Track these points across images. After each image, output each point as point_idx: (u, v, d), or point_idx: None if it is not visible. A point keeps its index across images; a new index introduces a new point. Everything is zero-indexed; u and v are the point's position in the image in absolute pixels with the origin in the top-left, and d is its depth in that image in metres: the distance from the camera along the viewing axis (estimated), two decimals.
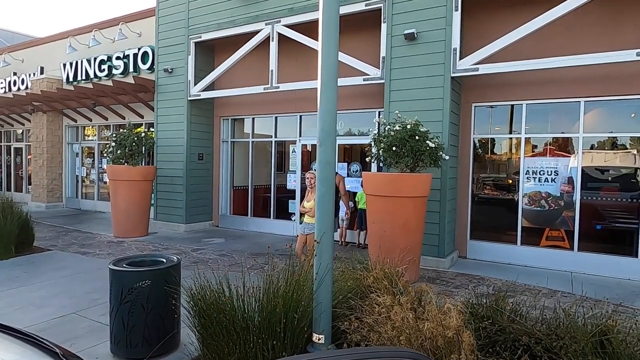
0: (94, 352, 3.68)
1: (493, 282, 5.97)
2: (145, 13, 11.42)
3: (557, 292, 5.47)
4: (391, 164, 6.04)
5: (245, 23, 9.00)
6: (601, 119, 6.76)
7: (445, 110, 6.73)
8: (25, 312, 4.61)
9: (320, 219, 3.32)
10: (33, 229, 7.80)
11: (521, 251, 7.11)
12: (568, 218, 6.86)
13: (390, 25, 7.17)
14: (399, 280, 3.47)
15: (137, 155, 9.27)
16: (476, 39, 7.00)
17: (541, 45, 6.59)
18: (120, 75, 11.84)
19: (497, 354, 2.79)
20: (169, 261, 3.80)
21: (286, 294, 3.15)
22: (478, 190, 7.71)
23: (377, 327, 2.92)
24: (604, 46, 6.12)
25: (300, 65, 8.96)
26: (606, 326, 2.71)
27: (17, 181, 16.62)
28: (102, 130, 13.57)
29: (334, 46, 3.27)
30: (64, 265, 6.65)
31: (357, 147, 9.21)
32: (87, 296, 5.12)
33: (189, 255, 7.45)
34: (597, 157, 6.77)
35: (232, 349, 3.06)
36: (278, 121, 9.98)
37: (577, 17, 6.26)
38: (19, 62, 14.99)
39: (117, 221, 9.19)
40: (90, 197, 13.95)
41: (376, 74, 7.43)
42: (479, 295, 3.37)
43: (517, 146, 7.34)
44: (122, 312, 3.48)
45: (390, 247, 5.40)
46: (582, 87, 6.59)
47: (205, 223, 10.53)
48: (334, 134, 3.32)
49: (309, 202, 5.83)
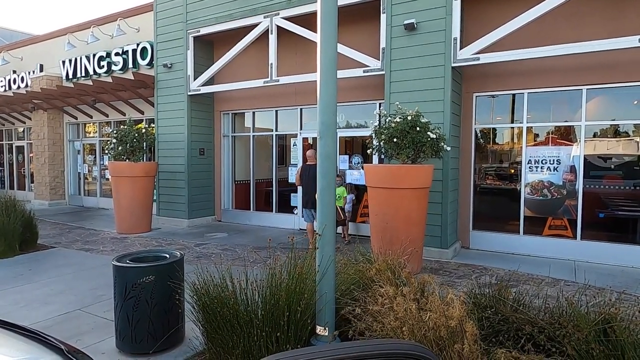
0: (100, 347, 3.71)
1: (496, 272, 5.97)
2: (143, 8, 11.35)
3: (560, 281, 5.47)
4: (392, 155, 6.02)
5: (243, 16, 8.94)
6: (603, 106, 6.71)
7: (446, 101, 6.69)
8: (30, 309, 4.64)
9: (322, 212, 3.32)
10: (36, 226, 7.83)
11: (524, 241, 7.10)
12: (571, 207, 6.84)
13: (389, 16, 7.11)
14: (401, 272, 3.47)
15: (139, 152, 9.27)
16: (476, 28, 6.94)
17: (542, 33, 6.52)
18: (119, 72, 11.81)
19: (501, 344, 2.80)
20: (172, 256, 3.81)
21: (289, 286, 3.16)
22: (480, 181, 7.69)
23: (380, 317, 2.93)
24: (605, 33, 6.06)
25: (299, 58, 8.91)
26: (609, 314, 2.71)
27: (20, 179, 16.67)
28: (103, 127, 13.57)
29: (333, 38, 3.24)
30: (68, 262, 6.69)
31: (358, 139, 9.18)
32: (91, 293, 5.15)
33: (192, 250, 7.48)
34: (600, 145, 6.73)
35: (236, 342, 3.08)
36: (279, 115, 9.96)
37: (578, 4, 6.19)
38: (18, 60, 14.96)
39: (120, 217, 9.22)
40: (93, 194, 13.99)
41: (376, 65, 7.39)
42: (482, 285, 3.37)
43: (519, 135, 7.31)
44: (127, 308, 3.50)
45: (392, 238, 5.41)
46: (584, 74, 6.54)
47: (207, 218, 10.55)
48: (334, 127, 3.31)
49: None
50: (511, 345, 2.79)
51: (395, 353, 1.23)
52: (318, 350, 1.26)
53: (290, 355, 1.19)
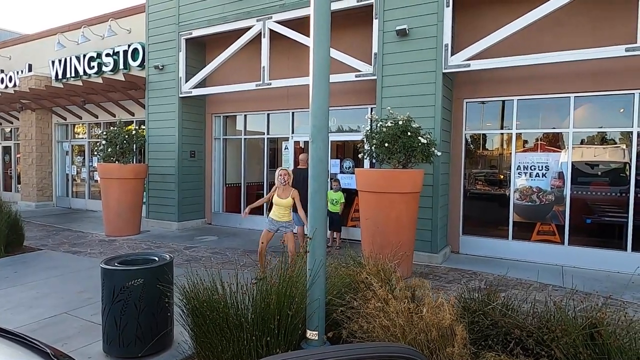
0: (87, 351, 3.65)
1: (485, 276, 6.01)
2: (135, 9, 11.29)
3: (548, 285, 5.53)
4: (383, 160, 6.05)
5: (236, 19, 8.94)
6: (591, 114, 6.82)
7: (437, 106, 6.75)
8: (15, 312, 4.56)
9: (313, 215, 3.32)
10: (23, 228, 7.71)
11: (513, 246, 7.17)
12: (559, 212, 6.93)
13: (382, 21, 7.16)
14: (392, 276, 3.48)
15: (128, 153, 9.18)
16: (468, 35, 7.02)
17: (532, 41, 6.62)
18: (110, 73, 11.71)
19: (490, 347, 2.82)
20: (161, 259, 3.77)
21: (280, 290, 3.15)
22: (470, 186, 7.76)
23: (372, 320, 2.93)
24: (593, 42, 6.18)
25: (292, 61, 8.93)
26: (596, 319, 2.75)
27: (6, 180, 16.40)
28: (93, 128, 13.43)
29: (326, 42, 3.26)
30: (55, 264, 6.59)
31: (349, 143, 9.21)
32: (78, 296, 5.08)
33: (181, 254, 7.42)
34: (587, 152, 6.84)
35: (225, 346, 3.06)
36: (270, 118, 9.95)
37: (567, 13, 6.30)
38: (7, 59, 14.76)
39: (109, 220, 9.12)
40: (81, 195, 13.82)
41: (368, 70, 7.43)
42: (472, 289, 3.39)
43: (508, 142, 7.39)
44: (114, 311, 3.46)
45: (383, 242, 5.42)
46: (572, 82, 6.65)
47: (198, 221, 10.48)
48: (326, 131, 3.31)
49: (286, 199, 5.52)
50: (500, 349, 2.81)
51: (386, 356, 1.23)
52: (308, 353, 1.26)
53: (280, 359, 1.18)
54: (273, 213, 5.60)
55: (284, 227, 5.55)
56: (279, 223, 5.55)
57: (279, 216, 5.53)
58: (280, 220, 5.53)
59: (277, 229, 5.56)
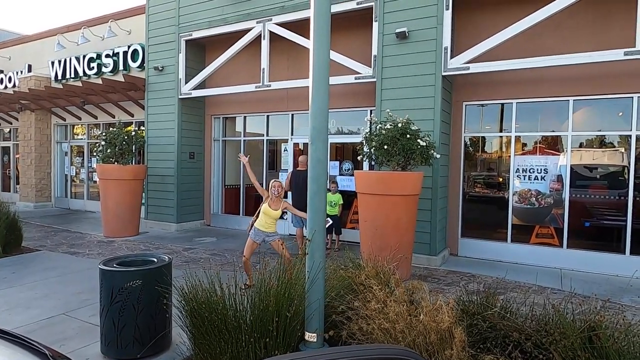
0: (84, 352, 3.64)
1: (484, 279, 6.01)
2: (135, 10, 11.30)
3: (547, 288, 5.53)
4: (383, 162, 6.05)
5: (236, 21, 8.95)
6: (590, 117, 6.84)
7: (437, 109, 6.76)
8: (13, 313, 4.55)
9: (312, 218, 3.32)
10: (21, 229, 7.69)
11: (511, 248, 7.17)
12: (557, 215, 6.94)
13: (381, 24, 7.18)
14: (391, 278, 3.48)
15: (128, 154, 9.18)
16: (467, 37, 7.04)
17: (531, 45, 6.65)
18: (110, 74, 11.71)
19: (488, 350, 2.82)
20: (160, 261, 3.77)
21: (278, 292, 3.15)
22: (469, 189, 7.76)
23: (371, 321, 2.93)
24: (592, 45, 6.20)
25: (291, 63, 8.94)
26: (595, 322, 2.75)
27: (5, 180, 16.37)
28: (92, 129, 13.42)
29: (326, 44, 3.26)
30: (53, 265, 6.57)
31: (349, 145, 9.21)
32: (76, 297, 5.06)
33: (180, 255, 7.41)
34: (586, 155, 6.85)
35: (224, 348, 3.05)
36: (270, 120, 9.96)
37: (566, 16, 6.33)
38: (6, 59, 14.76)
39: (107, 221, 9.10)
40: (80, 196, 13.79)
41: (368, 72, 7.44)
42: (470, 292, 3.39)
43: (507, 144, 7.40)
44: (113, 313, 3.45)
45: (382, 245, 5.42)
46: (571, 86, 6.66)
47: (196, 222, 10.47)
48: (326, 133, 3.32)
49: (276, 211, 5.41)
50: (498, 352, 2.81)
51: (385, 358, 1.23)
52: (306, 355, 1.26)
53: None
54: (259, 223, 5.48)
55: (269, 237, 5.49)
56: (264, 233, 5.45)
57: (266, 226, 5.44)
58: (267, 230, 5.44)
59: (262, 239, 5.47)
